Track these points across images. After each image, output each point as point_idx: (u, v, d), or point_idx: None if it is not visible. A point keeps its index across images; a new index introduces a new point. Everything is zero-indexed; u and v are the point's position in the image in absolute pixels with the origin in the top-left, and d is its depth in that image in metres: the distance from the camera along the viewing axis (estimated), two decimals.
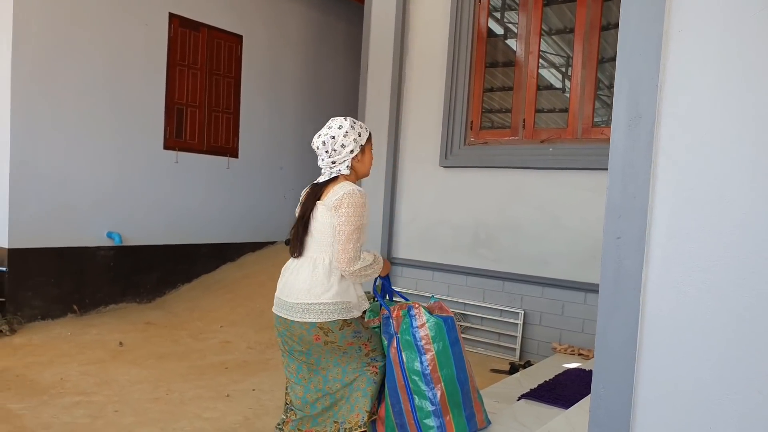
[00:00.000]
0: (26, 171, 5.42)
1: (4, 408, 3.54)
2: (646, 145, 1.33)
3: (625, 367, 1.37)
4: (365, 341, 2.54)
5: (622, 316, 1.39)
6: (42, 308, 5.59)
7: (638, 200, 1.35)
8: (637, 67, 1.34)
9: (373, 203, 5.90)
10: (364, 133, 2.60)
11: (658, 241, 1.36)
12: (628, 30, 1.35)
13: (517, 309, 5.12)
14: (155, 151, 6.37)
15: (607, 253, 1.41)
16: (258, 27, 7.30)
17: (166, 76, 6.39)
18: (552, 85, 5.43)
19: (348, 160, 2.53)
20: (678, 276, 1.34)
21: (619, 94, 1.37)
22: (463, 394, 2.50)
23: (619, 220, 1.38)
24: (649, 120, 1.33)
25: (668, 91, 1.33)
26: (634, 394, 1.37)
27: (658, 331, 1.36)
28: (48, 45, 5.49)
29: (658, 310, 1.36)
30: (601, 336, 1.42)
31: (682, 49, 1.31)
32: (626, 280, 1.37)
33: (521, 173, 5.13)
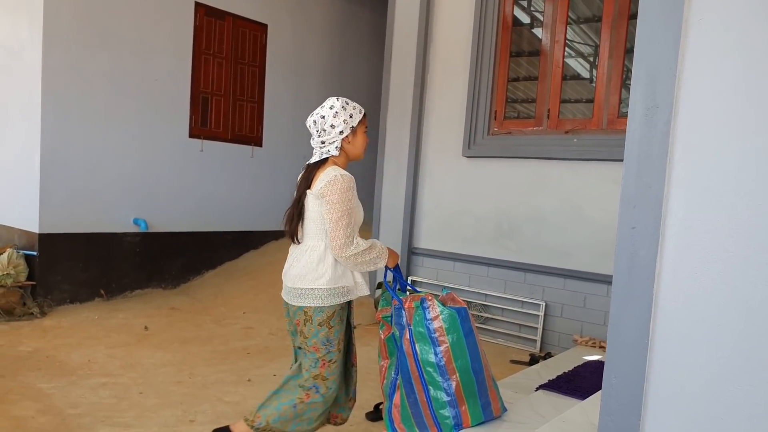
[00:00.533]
0: (56, 158, 5.55)
1: (34, 387, 3.65)
2: (662, 135, 1.32)
3: (638, 357, 1.37)
4: (326, 360, 2.52)
5: (635, 307, 1.38)
6: (71, 292, 5.73)
7: (653, 190, 1.34)
8: (655, 56, 1.32)
9: (395, 192, 5.93)
10: (357, 115, 2.55)
11: (673, 232, 1.34)
12: (647, 18, 1.34)
13: (538, 300, 5.10)
14: (181, 140, 6.46)
15: (622, 242, 1.40)
16: (283, 16, 7.33)
17: (192, 65, 6.46)
18: (578, 75, 5.36)
19: (337, 141, 2.52)
20: (692, 267, 1.33)
21: (636, 83, 1.36)
22: (479, 383, 2.49)
23: (634, 210, 1.37)
24: (666, 109, 1.32)
25: (686, 80, 1.31)
26: (646, 384, 1.37)
27: (671, 322, 1.35)
28: (77, 34, 5.59)
29: (671, 300, 1.35)
30: (613, 326, 1.41)
31: (701, 38, 1.30)
32: (640, 270, 1.37)
33: (545, 164, 5.09)
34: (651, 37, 1.33)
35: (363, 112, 2.59)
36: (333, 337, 2.50)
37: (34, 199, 5.52)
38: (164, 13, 6.19)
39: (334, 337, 2.50)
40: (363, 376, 4.13)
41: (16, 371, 3.90)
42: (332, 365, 2.53)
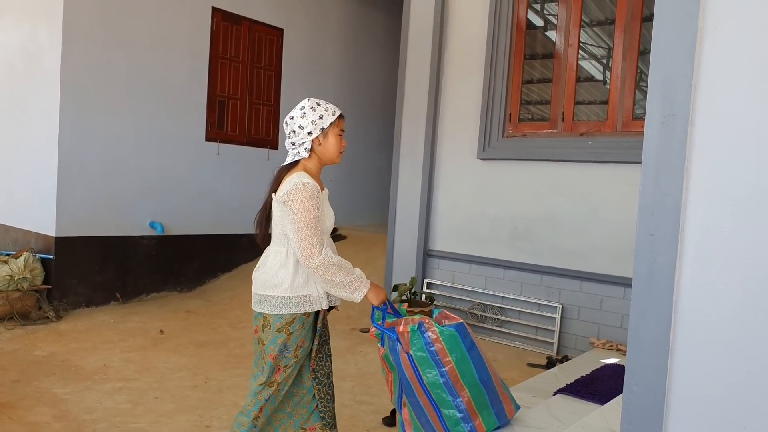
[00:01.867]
0: (73, 161, 5.61)
1: (49, 392, 3.68)
2: (679, 143, 1.31)
3: (658, 364, 1.36)
4: (282, 366, 2.40)
5: (655, 313, 1.37)
6: (86, 295, 5.79)
7: (671, 197, 1.33)
8: (671, 65, 1.32)
9: (410, 194, 5.93)
10: (328, 116, 2.42)
11: (692, 239, 1.33)
12: (662, 28, 1.33)
13: (555, 303, 5.07)
14: (197, 143, 6.51)
15: (640, 249, 1.39)
16: (298, 20, 7.36)
17: (209, 69, 6.51)
18: (592, 77, 5.33)
19: (307, 143, 2.41)
20: (713, 274, 1.31)
21: (652, 91, 1.35)
22: (489, 392, 2.44)
23: (652, 216, 1.36)
24: (683, 118, 1.31)
25: (703, 89, 1.30)
26: (668, 391, 1.35)
27: (692, 329, 1.34)
28: (96, 39, 5.66)
29: (691, 307, 1.34)
30: (633, 332, 1.40)
31: (716, 47, 1.29)
32: (659, 276, 1.35)
33: (560, 166, 5.07)
34: (666, 46, 1.32)
35: (337, 114, 2.45)
36: (291, 343, 2.38)
37: (51, 203, 5.59)
38: (181, 18, 6.24)
39: (292, 344, 2.39)
40: (379, 382, 4.14)
41: (32, 376, 3.94)
42: (287, 370, 2.42)
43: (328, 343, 2.62)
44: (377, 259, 6.54)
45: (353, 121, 8.16)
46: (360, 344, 5.01)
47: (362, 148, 8.32)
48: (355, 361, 4.55)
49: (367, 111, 8.40)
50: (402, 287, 5.29)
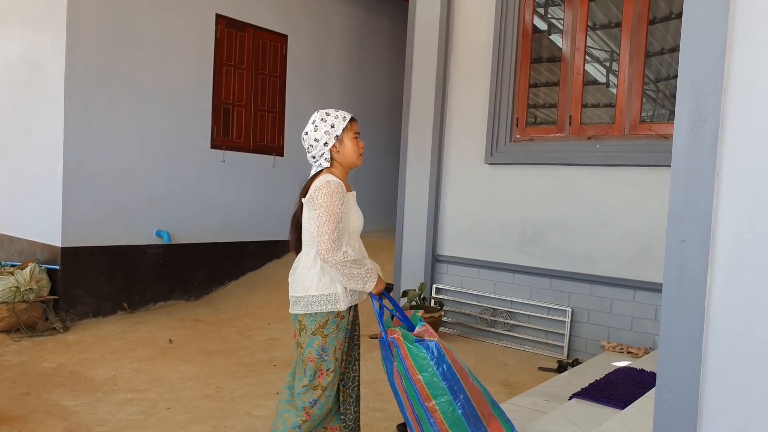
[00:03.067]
0: (79, 171, 5.60)
1: (60, 404, 3.65)
2: (710, 149, 1.30)
3: (691, 371, 1.35)
4: (324, 369, 2.46)
5: (686, 320, 1.36)
6: (93, 305, 5.77)
7: (702, 204, 1.32)
8: (700, 71, 1.31)
9: (418, 200, 5.92)
10: (340, 123, 2.51)
11: (723, 245, 1.32)
12: (691, 33, 1.32)
13: (564, 307, 5.06)
14: (203, 151, 6.51)
15: (671, 256, 1.38)
16: (303, 26, 7.37)
17: (213, 76, 6.51)
18: (598, 81, 5.33)
19: (326, 153, 2.51)
20: (745, 279, 1.30)
21: (681, 98, 1.34)
22: (468, 417, 2.34)
23: (683, 223, 1.35)
24: (713, 123, 1.30)
25: (733, 94, 1.30)
26: (700, 398, 1.34)
27: (724, 335, 1.33)
28: (100, 47, 5.66)
29: (724, 313, 1.33)
30: (665, 339, 1.39)
31: (746, 53, 1.28)
32: (690, 283, 1.34)
33: (568, 170, 5.06)
34: (695, 52, 1.31)
35: (348, 119, 2.54)
36: (328, 346, 2.44)
37: (56, 213, 5.57)
38: (186, 26, 6.25)
39: (330, 346, 2.44)
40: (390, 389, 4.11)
41: (41, 388, 3.91)
42: (330, 374, 2.47)
43: (358, 347, 2.70)
44: (385, 264, 6.52)
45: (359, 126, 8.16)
46: (370, 351, 4.99)
47: (368, 154, 8.20)
48: (366, 368, 4.52)
49: (373, 117, 8.39)
50: (411, 293, 5.28)
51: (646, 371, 3.79)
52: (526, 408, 3.28)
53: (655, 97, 5.05)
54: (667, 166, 4.19)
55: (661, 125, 4.72)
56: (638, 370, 3.83)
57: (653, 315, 4.60)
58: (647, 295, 4.62)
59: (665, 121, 4.79)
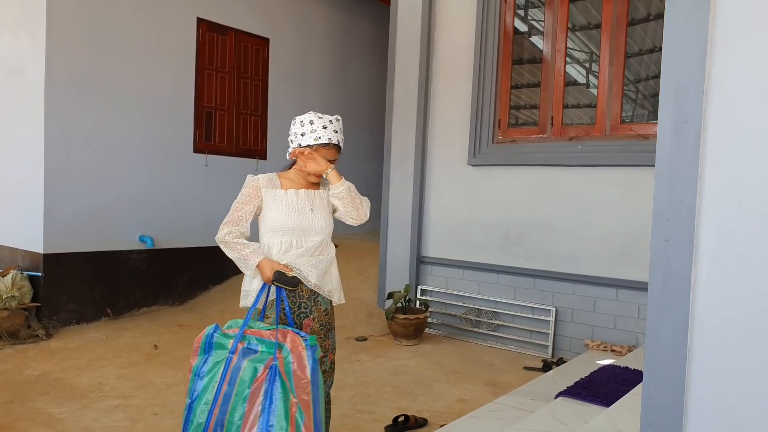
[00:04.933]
0: (60, 177, 5.54)
1: (45, 412, 3.61)
2: (692, 150, 1.34)
3: (676, 367, 1.38)
4: None
5: (671, 318, 1.39)
6: (76, 312, 5.71)
7: (685, 203, 1.35)
8: (682, 73, 1.35)
9: (401, 202, 5.95)
10: (308, 138, 2.51)
11: (707, 243, 1.36)
12: (673, 36, 1.36)
13: (548, 306, 5.11)
14: (185, 155, 6.47)
15: (656, 255, 1.41)
16: (284, 29, 7.36)
17: (195, 80, 6.47)
18: (579, 82, 5.40)
19: (290, 148, 2.60)
20: (728, 278, 1.34)
21: (664, 100, 1.38)
22: None
23: (667, 223, 1.38)
24: (695, 125, 1.34)
25: (714, 96, 1.33)
26: (686, 394, 1.37)
27: (709, 332, 1.36)
28: (80, 51, 5.60)
29: (708, 311, 1.36)
30: (651, 336, 1.42)
31: (727, 55, 1.32)
32: (675, 281, 1.38)
33: (550, 170, 5.12)
34: (677, 55, 1.35)
35: (319, 141, 2.50)
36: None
37: (38, 219, 5.50)
38: (167, 30, 6.21)
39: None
40: (378, 389, 4.13)
41: (25, 396, 3.86)
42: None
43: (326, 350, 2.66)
44: (370, 267, 6.54)
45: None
46: (357, 353, 5.00)
47: (351, 158, 8.30)
48: (353, 371, 4.54)
49: (355, 120, 8.40)
50: (397, 295, 5.30)
51: (630, 369, 3.84)
52: (512, 407, 3.31)
53: (635, 97, 5.13)
54: (649, 165, 4.28)
55: (641, 125, 4.79)
56: (622, 368, 3.89)
57: (636, 313, 4.66)
58: (630, 294, 4.68)
59: (645, 122, 4.87)
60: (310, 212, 2.55)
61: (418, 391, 4.13)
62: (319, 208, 2.59)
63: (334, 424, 3.50)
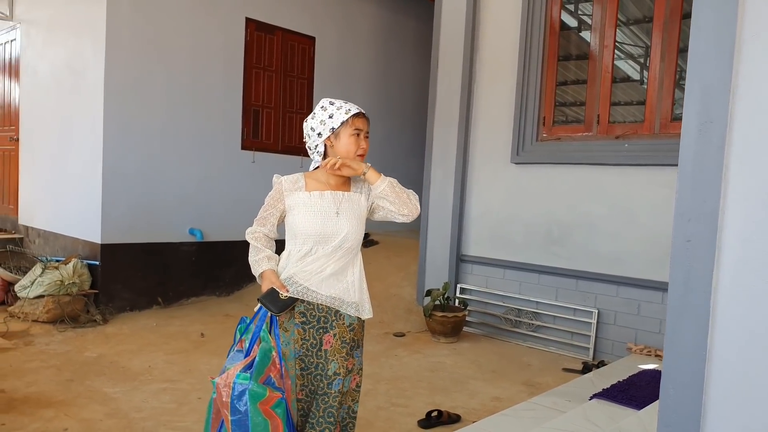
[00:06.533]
0: (117, 172, 5.80)
1: (100, 391, 3.84)
2: (717, 150, 1.32)
3: (696, 368, 1.37)
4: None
5: (692, 318, 1.38)
6: (130, 300, 5.96)
7: (708, 204, 1.34)
8: (708, 72, 1.33)
9: (442, 199, 5.95)
10: (339, 115, 2.26)
11: (730, 245, 1.34)
12: (700, 34, 1.34)
13: (590, 308, 5.04)
14: (234, 152, 6.66)
15: (677, 255, 1.40)
16: (330, 28, 7.47)
17: (243, 79, 6.65)
18: (628, 78, 5.29)
19: (320, 146, 2.29)
20: (751, 280, 1.32)
21: (690, 99, 1.37)
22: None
23: (689, 223, 1.37)
24: (720, 124, 1.32)
25: (741, 96, 1.31)
26: (705, 396, 1.37)
27: (730, 334, 1.35)
28: (136, 54, 5.84)
29: (729, 313, 1.35)
30: (670, 337, 1.42)
31: (755, 54, 1.30)
32: (696, 282, 1.37)
33: (595, 169, 5.04)
34: (704, 54, 1.34)
35: (351, 113, 2.27)
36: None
37: (96, 212, 5.78)
38: (216, 30, 6.40)
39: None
40: (414, 384, 4.18)
41: (84, 376, 4.10)
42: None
43: (326, 377, 2.29)
44: (410, 264, 6.58)
45: (384, 127, 8.22)
46: (394, 348, 5.06)
47: (393, 155, 8.38)
48: (389, 365, 4.60)
49: (398, 117, 8.45)
50: (435, 292, 5.32)
51: None
52: (545, 407, 3.30)
53: None
54: None
55: None
56: None
57: None
58: (668, 299, 4.56)
59: None
60: (335, 216, 2.27)
61: (453, 388, 4.15)
62: (346, 211, 2.29)
63: (367, 415, 3.58)
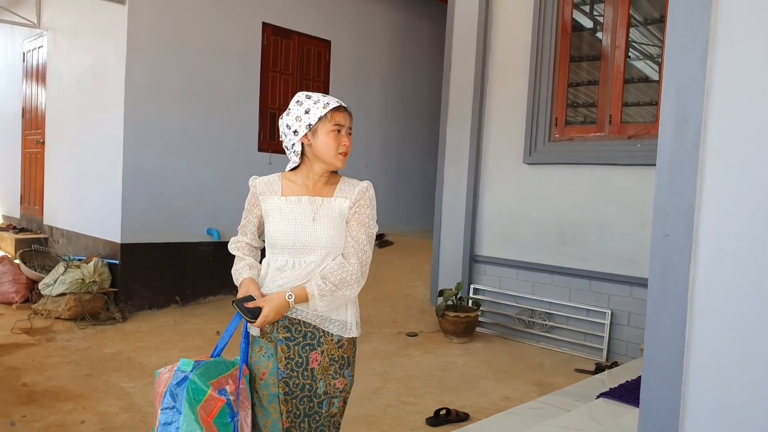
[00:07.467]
0: (136, 173, 5.94)
1: (117, 386, 3.96)
2: (692, 146, 1.36)
3: (675, 360, 1.40)
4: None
5: (670, 312, 1.41)
6: (149, 298, 6.10)
7: (685, 199, 1.37)
8: (683, 72, 1.37)
9: (455, 200, 5.99)
10: (316, 109, 1.98)
11: (706, 239, 1.37)
12: (674, 35, 1.38)
13: (604, 309, 5.03)
14: (250, 153, 6.77)
15: (656, 249, 1.44)
16: (345, 31, 7.56)
17: (260, 82, 6.77)
18: (640, 78, 5.27)
19: (296, 145, 2.01)
20: (727, 273, 1.35)
21: (666, 97, 1.40)
22: None
23: (667, 218, 1.40)
24: (695, 122, 1.35)
25: (715, 94, 1.35)
26: (684, 387, 1.40)
27: (707, 327, 1.38)
28: (155, 57, 5.99)
29: (706, 305, 1.38)
30: (650, 330, 1.45)
31: (728, 54, 1.33)
32: (674, 276, 1.40)
33: (608, 170, 5.03)
34: (679, 54, 1.37)
35: (330, 107, 1.98)
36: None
37: (117, 212, 5.93)
38: (234, 35, 6.52)
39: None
40: (424, 383, 4.22)
41: (102, 371, 4.24)
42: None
43: (308, 399, 2.02)
44: (424, 264, 6.62)
45: (398, 128, 8.29)
46: (406, 347, 5.10)
47: (408, 155, 8.44)
48: (401, 364, 4.65)
49: (414, 118, 8.51)
50: (447, 292, 5.36)
51: None
52: (552, 406, 3.32)
53: None
54: None
55: None
56: None
57: None
58: (647, 293, 4.53)
59: None
60: (311, 223, 1.99)
61: (463, 388, 4.19)
62: (324, 218, 2.00)
63: (376, 412, 3.64)
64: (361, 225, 2.02)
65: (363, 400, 3.78)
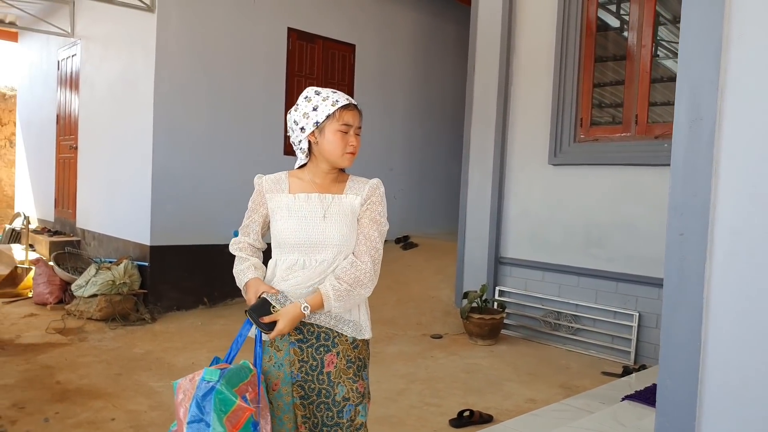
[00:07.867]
0: (165, 177, 6.07)
1: (146, 385, 4.05)
2: (706, 146, 1.35)
3: (691, 359, 1.39)
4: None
5: (686, 310, 1.41)
6: (177, 299, 6.22)
7: (699, 198, 1.37)
8: (697, 71, 1.36)
9: (479, 201, 5.98)
10: (325, 107, 1.93)
11: (721, 238, 1.36)
12: (688, 35, 1.38)
13: (631, 311, 4.96)
14: (276, 157, 6.86)
15: (671, 248, 1.43)
16: (370, 35, 7.60)
17: (286, 87, 6.85)
18: (667, 77, 5.19)
19: (303, 141, 1.97)
20: (742, 271, 1.34)
21: (680, 97, 1.40)
22: None
23: (681, 217, 1.40)
24: (709, 121, 1.35)
25: (729, 94, 1.34)
26: (700, 385, 1.39)
27: (723, 325, 1.37)
28: (183, 64, 6.12)
29: (722, 303, 1.37)
30: (666, 329, 1.44)
31: (742, 53, 1.32)
32: (690, 274, 1.39)
33: (635, 170, 4.97)
34: (693, 53, 1.37)
35: (339, 104, 1.93)
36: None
37: (146, 215, 6.06)
38: (260, 40, 6.62)
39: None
40: (448, 384, 4.22)
41: (131, 370, 4.34)
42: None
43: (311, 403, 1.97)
44: (449, 266, 6.61)
45: (422, 131, 8.30)
46: (431, 349, 5.11)
47: (433, 157, 8.44)
48: (425, 366, 4.66)
49: (438, 120, 8.51)
50: (472, 294, 5.34)
51: None
52: (576, 408, 3.30)
53: None
54: None
55: None
56: None
57: None
58: (663, 292, 4.45)
59: None
60: (321, 220, 1.94)
61: (488, 389, 4.18)
62: (334, 215, 1.95)
63: (399, 413, 3.65)
64: (373, 222, 1.98)
65: (387, 401, 3.80)
